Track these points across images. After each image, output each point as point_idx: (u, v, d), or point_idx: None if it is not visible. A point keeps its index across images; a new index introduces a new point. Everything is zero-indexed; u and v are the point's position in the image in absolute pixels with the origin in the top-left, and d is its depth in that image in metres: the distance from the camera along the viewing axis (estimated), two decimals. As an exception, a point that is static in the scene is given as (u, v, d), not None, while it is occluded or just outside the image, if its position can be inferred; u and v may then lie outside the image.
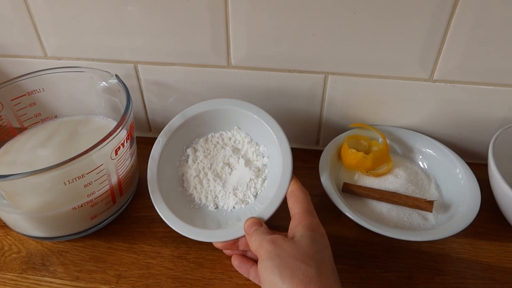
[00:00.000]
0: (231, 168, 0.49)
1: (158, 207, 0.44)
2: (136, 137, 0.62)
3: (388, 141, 0.53)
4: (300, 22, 0.46)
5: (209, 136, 0.51)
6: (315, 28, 0.47)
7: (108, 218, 0.47)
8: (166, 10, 0.48)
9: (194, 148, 0.51)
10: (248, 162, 0.49)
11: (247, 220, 0.41)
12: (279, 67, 0.51)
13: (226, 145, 0.50)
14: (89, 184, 0.41)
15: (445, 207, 0.47)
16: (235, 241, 0.42)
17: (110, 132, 0.40)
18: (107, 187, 0.44)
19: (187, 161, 0.50)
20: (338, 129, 0.55)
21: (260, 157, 0.49)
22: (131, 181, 0.49)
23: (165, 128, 0.49)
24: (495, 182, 0.45)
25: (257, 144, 0.50)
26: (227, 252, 0.45)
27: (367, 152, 0.50)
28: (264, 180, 0.48)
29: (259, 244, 0.37)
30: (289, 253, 0.35)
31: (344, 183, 0.48)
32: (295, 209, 0.40)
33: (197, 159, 0.50)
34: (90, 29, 0.51)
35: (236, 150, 0.50)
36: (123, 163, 0.45)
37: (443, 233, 0.41)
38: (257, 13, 0.46)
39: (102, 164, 0.41)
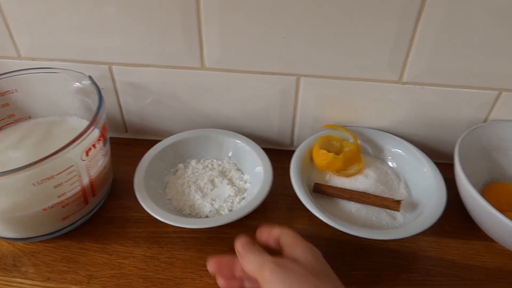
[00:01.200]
0: (213, 185, 0.52)
1: (138, 193, 0.47)
2: (112, 138, 0.62)
3: (359, 142, 0.54)
4: (271, 24, 0.47)
5: (201, 160, 0.56)
6: (286, 31, 0.47)
7: (80, 219, 0.47)
8: (139, 11, 0.48)
9: (185, 165, 0.54)
10: (230, 183, 0.52)
11: (239, 239, 0.37)
12: (252, 69, 0.51)
13: (214, 168, 0.54)
14: (59, 185, 0.41)
15: (413, 206, 0.48)
16: (230, 264, 0.38)
17: (80, 134, 0.40)
18: (78, 188, 0.44)
19: (175, 174, 0.54)
20: (312, 130, 0.56)
21: (243, 183, 0.52)
22: (104, 182, 0.49)
23: (168, 138, 0.54)
24: (460, 182, 0.46)
25: (242, 172, 0.54)
26: (221, 283, 0.39)
27: (339, 152, 0.51)
28: (241, 200, 0.50)
29: (260, 266, 0.33)
30: (297, 272, 0.32)
31: (315, 184, 0.49)
32: (286, 240, 0.37)
33: (184, 174, 0.53)
34: (65, 29, 0.51)
35: (221, 174, 0.53)
36: (95, 164, 0.45)
37: (408, 231, 0.42)
38: (229, 16, 0.47)
39: (73, 166, 0.41)
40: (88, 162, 0.43)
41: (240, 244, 0.37)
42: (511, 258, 0.46)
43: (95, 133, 0.43)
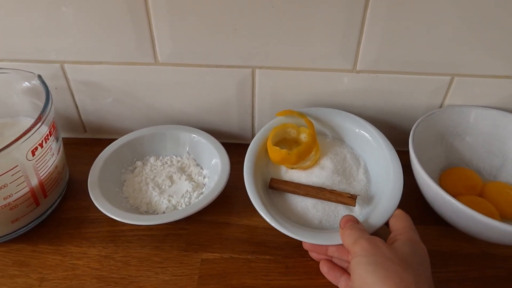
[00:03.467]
0: (171, 182, 0.51)
1: (92, 193, 0.46)
2: (71, 138, 0.61)
3: (318, 127, 0.52)
4: (220, 16, 0.46)
5: (160, 157, 0.55)
6: (236, 23, 0.47)
7: (33, 221, 0.46)
8: (88, 8, 0.47)
9: (143, 163, 0.54)
10: (189, 178, 0.52)
11: (344, 216, 0.40)
12: (206, 62, 0.51)
13: (173, 165, 0.54)
14: (4, 186, 0.40)
15: (371, 196, 0.47)
16: (324, 245, 0.42)
17: (23, 133, 0.39)
18: (27, 189, 0.43)
19: (133, 172, 0.53)
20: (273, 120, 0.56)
21: (202, 178, 0.52)
22: (57, 183, 0.48)
23: (123, 137, 0.54)
24: (414, 167, 0.46)
25: (201, 167, 0.54)
26: (313, 255, 0.44)
27: (296, 140, 0.50)
28: (199, 195, 0.50)
29: (354, 241, 0.36)
30: (386, 255, 0.33)
31: (271, 180, 0.48)
32: (397, 225, 0.39)
33: (142, 171, 0.53)
34: (15, 30, 0.49)
35: (180, 170, 0.53)
36: (43, 164, 0.44)
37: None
38: (178, 9, 0.46)
39: (17, 166, 0.40)
40: (35, 162, 0.42)
41: (344, 219, 0.39)
42: (466, 241, 0.47)
43: (41, 132, 0.42)
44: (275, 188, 0.48)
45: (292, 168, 0.49)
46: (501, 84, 0.51)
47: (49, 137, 0.44)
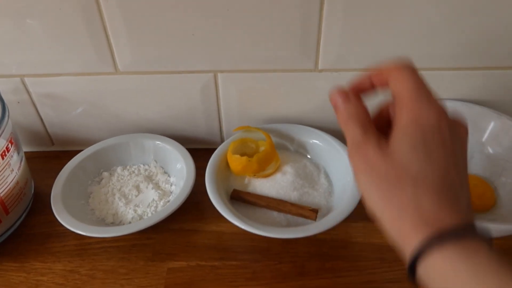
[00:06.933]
0: (138, 191, 0.51)
1: (54, 207, 0.46)
2: (39, 152, 0.61)
3: (276, 139, 0.53)
4: (176, 23, 0.46)
5: (128, 166, 0.55)
6: (192, 28, 0.46)
7: (-4, 239, 0.46)
8: (44, 20, 0.46)
9: (110, 173, 0.53)
10: (156, 187, 0.51)
11: (333, 88, 0.30)
12: (167, 69, 0.50)
13: (140, 174, 0.54)
14: (-41, 206, 0.40)
15: (329, 209, 0.47)
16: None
17: (-25, 150, 0.39)
18: (-15, 207, 0.42)
19: (100, 183, 0.53)
20: (241, 124, 0.55)
21: (169, 185, 0.52)
22: (19, 198, 0.47)
23: (87, 148, 0.53)
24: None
25: (168, 175, 0.53)
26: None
27: (255, 153, 0.49)
28: (166, 203, 0.49)
29: (348, 145, 0.28)
30: (379, 173, 0.25)
31: (233, 191, 0.47)
32: (398, 87, 0.27)
33: (109, 182, 0.52)
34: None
35: (148, 178, 0.52)
36: (2, 181, 0.43)
37: (319, 227, 0.41)
38: (133, 18, 0.46)
39: (-28, 184, 0.40)
40: (-8, 180, 0.42)
41: (333, 94, 0.29)
42: (433, 236, 0.46)
43: (-3, 148, 0.42)
44: (237, 198, 0.47)
45: (255, 176, 0.48)
46: (465, 76, 0.51)
47: (6, 153, 0.43)
